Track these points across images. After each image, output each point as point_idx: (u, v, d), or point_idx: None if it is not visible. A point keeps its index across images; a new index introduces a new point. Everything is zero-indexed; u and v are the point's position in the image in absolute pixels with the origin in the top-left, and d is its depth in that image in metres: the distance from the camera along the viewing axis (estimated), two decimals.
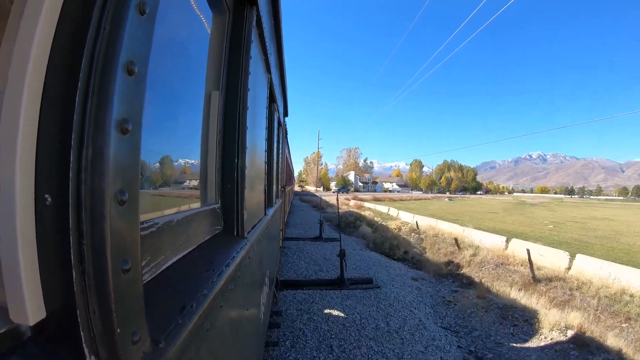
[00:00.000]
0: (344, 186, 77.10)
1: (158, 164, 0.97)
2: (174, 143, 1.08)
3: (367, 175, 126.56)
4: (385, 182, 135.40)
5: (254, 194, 1.64)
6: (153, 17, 0.52)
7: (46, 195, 0.43)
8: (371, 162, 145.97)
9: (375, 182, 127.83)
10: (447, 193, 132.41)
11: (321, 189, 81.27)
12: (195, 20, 1.18)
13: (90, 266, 0.42)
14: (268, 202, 2.53)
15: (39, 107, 0.43)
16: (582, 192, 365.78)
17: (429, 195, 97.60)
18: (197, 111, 1.18)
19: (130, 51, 0.47)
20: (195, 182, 1.19)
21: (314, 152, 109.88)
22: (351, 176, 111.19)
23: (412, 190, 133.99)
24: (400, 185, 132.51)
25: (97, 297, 0.43)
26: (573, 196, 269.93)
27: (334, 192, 64.46)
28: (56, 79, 0.43)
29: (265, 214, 2.13)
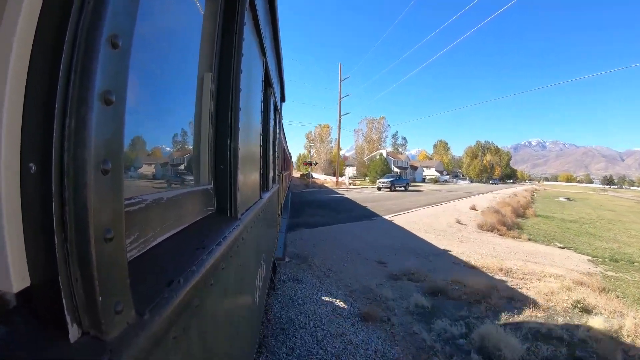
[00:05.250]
0: (399, 176, 39.81)
1: (150, 143, 0.97)
2: (167, 123, 1.08)
3: (402, 158, 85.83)
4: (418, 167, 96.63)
5: (248, 177, 1.65)
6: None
7: (30, 164, 0.43)
8: (404, 139, 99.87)
9: (414, 168, 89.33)
10: (490, 181, 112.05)
11: (345, 179, 49.10)
12: (188, 1, 1.17)
13: (72, 233, 0.43)
14: (264, 187, 2.54)
15: (25, 77, 0.43)
16: (622, 182, 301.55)
17: (510, 187, 66.37)
18: (190, 92, 1.18)
19: (114, 25, 0.47)
20: (187, 163, 1.20)
21: (319, 125, 79.00)
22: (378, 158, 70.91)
23: (451, 176, 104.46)
24: (439, 172, 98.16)
25: (79, 264, 0.44)
26: (612, 186, 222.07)
27: (382, 188, 31.98)
28: (41, 51, 0.44)
29: (260, 198, 2.14)
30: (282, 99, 5.51)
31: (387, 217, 13.11)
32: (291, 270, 5.81)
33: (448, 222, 12.45)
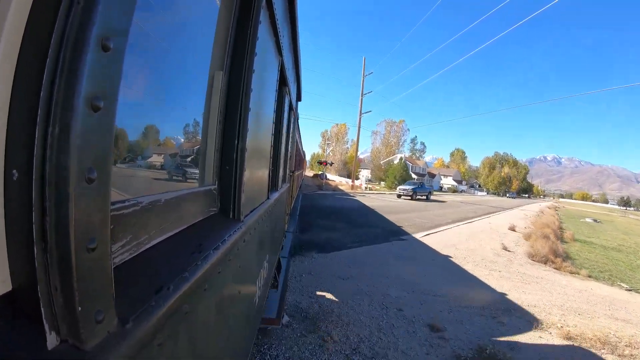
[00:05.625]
0: (421, 183, 34.64)
1: (153, 142, 0.97)
2: (173, 121, 1.08)
3: (420, 164, 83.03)
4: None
5: (255, 177, 1.64)
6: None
7: (14, 171, 0.43)
8: (422, 144, 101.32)
9: (432, 175, 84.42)
10: (507, 195, 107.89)
11: (361, 182, 45.33)
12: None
13: (53, 243, 0.43)
14: (272, 187, 2.53)
15: (12, 81, 0.43)
16: (639, 204, 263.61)
17: (530, 202, 65.96)
18: (199, 90, 1.18)
19: (106, 26, 0.45)
20: (193, 162, 1.19)
21: (336, 124, 78.78)
22: (397, 162, 64.99)
23: (468, 187, 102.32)
24: (457, 181, 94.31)
25: (59, 273, 0.44)
26: (628, 208, 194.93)
27: (402, 196, 29.97)
28: (29, 52, 0.43)
29: (268, 198, 2.14)
30: (298, 98, 5.47)
31: (419, 236, 10.71)
32: (289, 353, 3.34)
33: (493, 248, 10.21)
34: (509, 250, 10.35)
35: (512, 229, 15.38)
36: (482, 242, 11.12)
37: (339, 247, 7.87)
